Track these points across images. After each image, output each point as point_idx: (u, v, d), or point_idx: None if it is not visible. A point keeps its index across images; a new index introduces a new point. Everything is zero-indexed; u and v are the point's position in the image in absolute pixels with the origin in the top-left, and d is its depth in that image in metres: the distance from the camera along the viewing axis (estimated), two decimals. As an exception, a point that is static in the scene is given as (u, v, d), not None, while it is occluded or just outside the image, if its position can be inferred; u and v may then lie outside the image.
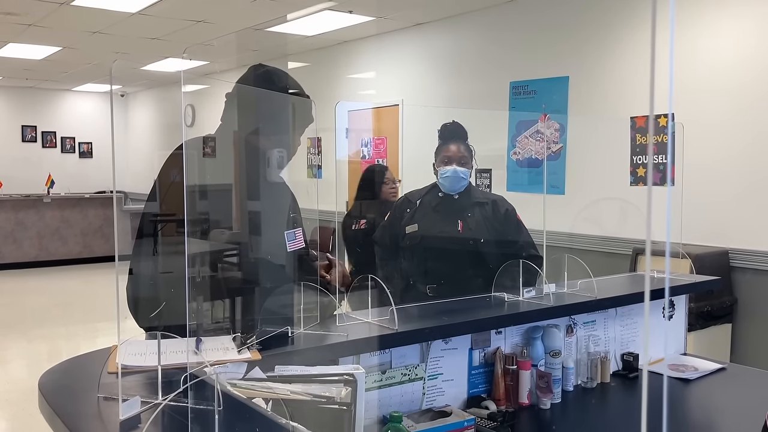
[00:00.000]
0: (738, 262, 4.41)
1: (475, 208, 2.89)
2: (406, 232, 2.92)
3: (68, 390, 1.44)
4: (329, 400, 1.44)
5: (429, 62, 6.80)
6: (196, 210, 2.12)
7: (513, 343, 2.24)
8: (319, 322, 1.90)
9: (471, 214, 2.86)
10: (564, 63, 5.46)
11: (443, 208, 2.90)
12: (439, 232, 2.87)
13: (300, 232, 2.14)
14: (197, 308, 2.26)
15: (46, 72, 10.12)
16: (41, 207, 10.47)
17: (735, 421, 2.19)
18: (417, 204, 2.97)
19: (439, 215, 2.90)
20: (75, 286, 9.11)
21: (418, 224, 2.90)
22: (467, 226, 2.85)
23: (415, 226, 2.91)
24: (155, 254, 2.10)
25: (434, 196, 2.95)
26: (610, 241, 4.93)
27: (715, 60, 4.51)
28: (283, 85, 2.18)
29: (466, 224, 2.85)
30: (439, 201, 2.91)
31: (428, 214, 2.92)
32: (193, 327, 2.13)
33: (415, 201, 2.99)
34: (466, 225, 2.85)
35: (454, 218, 2.88)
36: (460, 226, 2.87)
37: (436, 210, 2.91)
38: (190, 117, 10.56)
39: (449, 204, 2.89)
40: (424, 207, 2.95)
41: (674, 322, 2.82)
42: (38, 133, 12.24)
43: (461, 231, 2.85)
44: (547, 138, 5.61)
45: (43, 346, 6.29)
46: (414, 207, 2.97)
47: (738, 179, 4.41)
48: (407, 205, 3.00)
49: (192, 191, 2.07)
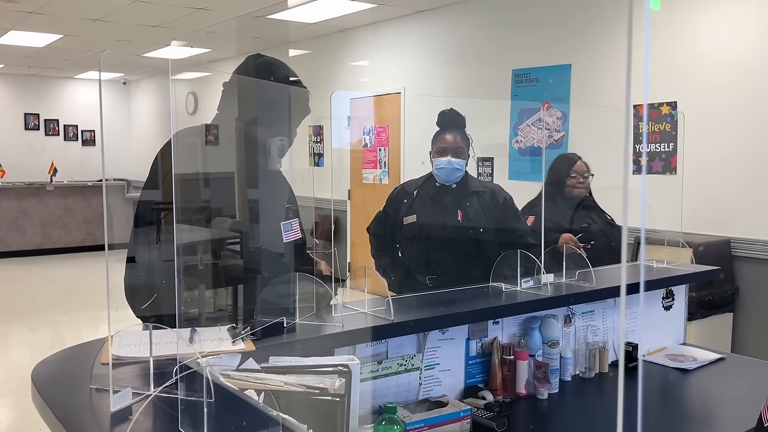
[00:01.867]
0: (740, 251, 4.39)
1: (473, 197, 2.86)
2: (404, 223, 2.89)
3: (61, 381, 1.44)
4: (323, 392, 1.43)
5: (431, 50, 6.76)
6: (200, 198, 2.12)
7: (510, 333, 2.23)
8: (315, 313, 1.90)
9: (470, 204, 2.84)
10: (566, 51, 5.42)
11: (441, 198, 2.87)
12: (440, 223, 2.84)
13: (296, 223, 2.14)
14: (198, 296, 2.26)
15: (48, 60, 10.11)
16: (44, 195, 10.48)
17: (732, 411, 2.18)
18: (414, 194, 2.94)
19: (437, 205, 2.87)
20: (78, 274, 9.13)
21: (417, 214, 2.87)
22: (467, 215, 2.83)
23: (414, 216, 2.88)
24: (158, 242, 2.10)
25: (431, 186, 2.91)
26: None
27: (720, 49, 4.47)
28: (281, 75, 2.17)
29: (465, 214, 2.83)
30: (437, 191, 2.88)
31: (426, 205, 2.89)
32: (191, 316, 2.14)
33: (412, 191, 2.95)
34: (465, 215, 2.83)
35: (453, 208, 2.85)
36: (459, 216, 2.84)
37: (434, 200, 2.88)
38: (192, 105, 10.54)
39: (447, 194, 2.87)
40: (421, 197, 2.92)
41: (673, 312, 2.81)
42: (41, 121, 12.24)
43: (461, 221, 2.83)
44: (549, 126, 5.58)
45: (46, 334, 6.31)
46: (411, 197, 2.93)
47: (741, 168, 4.39)
48: (404, 196, 2.97)
49: (194, 179, 2.07)
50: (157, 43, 8.68)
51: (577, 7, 5.34)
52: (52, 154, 11.69)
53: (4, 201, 10.17)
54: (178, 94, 10.86)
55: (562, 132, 5.50)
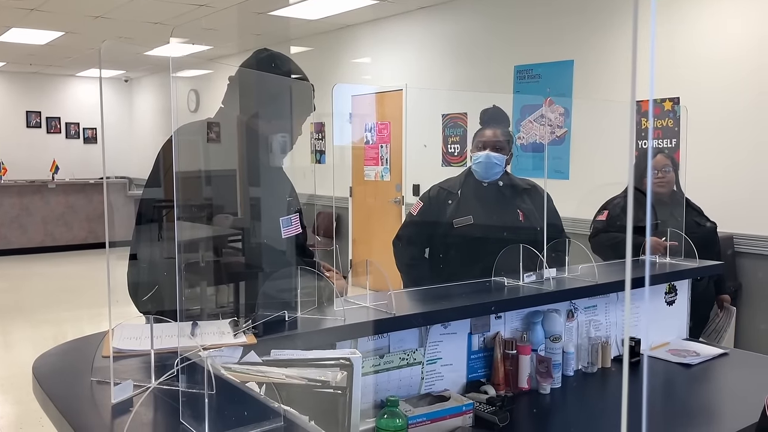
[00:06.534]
0: (742, 247, 4.39)
1: (524, 195, 2.76)
2: (456, 225, 2.70)
3: (62, 374, 1.44)
4: (324, 385, 1.43)
5: (433, 46, 6.75)
6: (202, 195, 2.11)
7: (513, 327, 2.23)
8: (317, 307, 1.89)
9: (525, 203, 2.73)
10: (569, 46, 5.41)
11: (493, 197, 2.73)
12: (502, 223, 2.68)
13: (297, 218, 2.13)
14: (200, 293, 2.26)
15: (50, 57, 10.11)
16: (46, 193, 10.49)
17: (735, 406, 2.18)
18: (458, 194, 2.77)
19: (493, 205, 2.73)
20: (80, 272, 9.14)
21: (473, 216, 2.68)
22: (526, 215, 2.71)
23: (470, 218, 2.69)
24: (160, 240, 2.09)
25: (476, 185, 2.76)
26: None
27: (722, 45, 4.46)
28: (286, 69, 2.16)
29: (525, 213, 2.71)
30: (485, 190, 2.74)
31: (480, 205, 2.71)
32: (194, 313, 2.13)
33: (456, 191, 2.78)
34: (525, 214, 2.71)
35: (512, 207, 2.73)
36: (521, 215, 2.71)
37: (485, 200, 2.72)
38: (194, 102, 10.54)
39: (498, 192, 2.73)
40: (467, 197, 2.74)
41: (676, 308, 2.81)
42: (43, 118, 12.23)
43: (522, 220, 2.71)
44: (552, 122, 5.57)
45: (48, 331, 6.32)
46: (456, 197, 2.76)
47: (743, 165, 4.38)
48: (447, 196, 2.78)
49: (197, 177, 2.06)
50: (158, 41, 8.67)
51: (579, 3, 5.32)
52: (53, 152, 11.69)
53: (5, 199, 10.18)
54: (179, 91, 10.86)
55: (564, 128, 5.49)
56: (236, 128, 2.18)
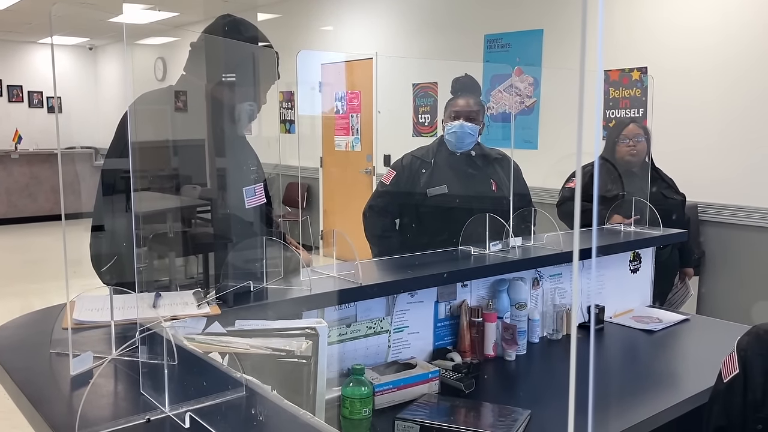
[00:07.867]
0: (706, 215, 4.46)
1: (496, 164, 2.76)
2: (429, 195, 2.69)
3: (20, 346, 1.42)
4: (289, 354, 1.42)
5: (403, 14, 6.68)
6: (168, 164, 2.07)
7: (479, 295, 2.24)
8: (283, 277, 1.88)
9: (496, 173, 2.74)
10: (538, 16, 5.39)
11: (467, 167, 2.72)
12: (476, 193, 2.68)
13: (261, 189, 2.11)
14: (169, 264, 2.23)
15: (9, 23, 9.79)
16: (9, 163, 10.25)
17: (695, 370, 2.23)
18: (432, 163, 2.75)
19: (467, 175, 2.72)
20: (46, 243, 8.99)
21: (447, 185, 2.68)
22: (498, 184, 2.71)
23: (444, 187, 2.69)
24: (128, 211, 2.05)
25: (449, 154, 2.74)
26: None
27: (690, 14, 4.47)
28: (249, 35, 2.12)
29: (497, 183, 2.71)
30: (458, 159, 2.73)
31: (453, 174, 2.70)
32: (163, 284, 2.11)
33: (429, 160, 2.76)
34: (497, 184, 2.71)
35: (485, 177, 2.73)
36: (493, 185, 2.71)
37: (458, 169, 2.71)
38: (161, 70, 10.33)
39: (471, 162, 2.73)
40: (441, 167, 2.73)
41: (640, 275, 2.85)
42: (3, 86, 11.90)
43: (495, 190, 2.70)
44: (521, 92, 5.57)
45: (14, 303, 6.22)
46: (430, 167, 2.74)
47: (708, 134, 4.43)
48: (421, 165, 2.76)
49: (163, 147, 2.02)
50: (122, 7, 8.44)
51: (549, -29, 5.30)
52: (16, 122, 11.39)
53: (-33, 169, 9.93)
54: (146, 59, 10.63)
55: (533, 98, 5.49)
56: (200, 96, 2.14)
